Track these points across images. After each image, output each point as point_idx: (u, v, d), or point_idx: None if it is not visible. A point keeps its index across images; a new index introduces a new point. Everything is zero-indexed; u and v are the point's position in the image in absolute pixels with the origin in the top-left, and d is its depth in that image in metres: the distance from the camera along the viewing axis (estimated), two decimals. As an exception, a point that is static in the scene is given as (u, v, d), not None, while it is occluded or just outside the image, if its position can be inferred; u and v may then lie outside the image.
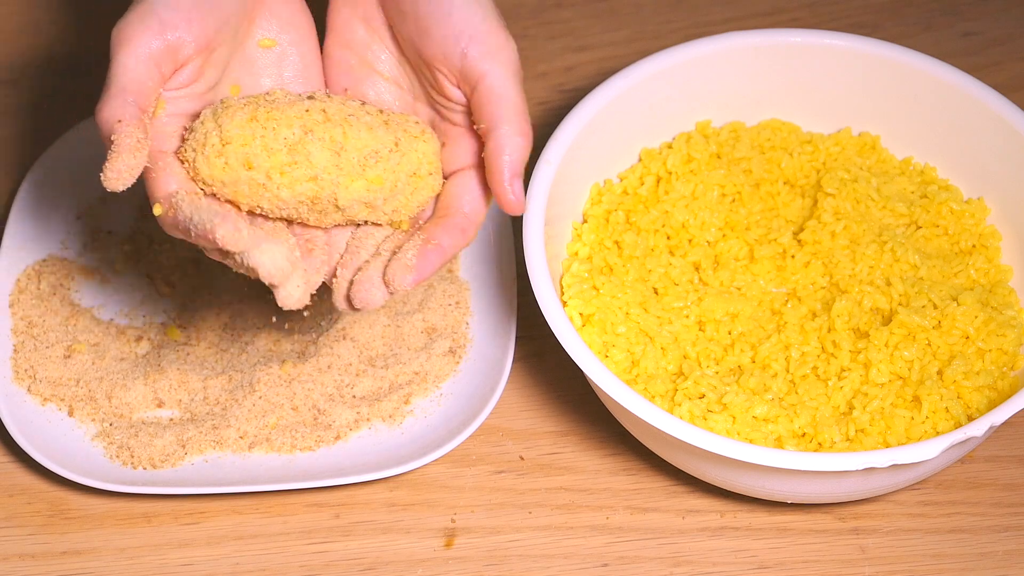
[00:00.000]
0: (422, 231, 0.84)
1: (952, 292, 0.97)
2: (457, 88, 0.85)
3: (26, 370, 1.01)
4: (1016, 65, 1.20)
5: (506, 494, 0.99)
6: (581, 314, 0.96)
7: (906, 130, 1.04)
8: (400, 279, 0.82)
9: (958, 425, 0.91)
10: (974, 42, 1.22)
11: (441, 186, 0.87)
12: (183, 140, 0.84)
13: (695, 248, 1.00)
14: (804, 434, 0.92)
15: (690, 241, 1.01)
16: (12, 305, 1.03)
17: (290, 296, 0.81)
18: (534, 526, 0.97)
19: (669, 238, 1.01)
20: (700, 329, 0.97)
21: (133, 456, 0.97)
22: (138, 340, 1.04)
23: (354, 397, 1.01)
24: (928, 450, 0.87)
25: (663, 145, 1.04)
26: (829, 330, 0.96)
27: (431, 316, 1.03)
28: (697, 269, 1.00)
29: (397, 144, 0.84)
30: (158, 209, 0.82)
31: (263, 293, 1.04)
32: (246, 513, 0.98)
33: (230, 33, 0.85)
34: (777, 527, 0.97)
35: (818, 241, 1.00)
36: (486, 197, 0.86)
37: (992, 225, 1.02)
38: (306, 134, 0.82)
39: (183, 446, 0.98)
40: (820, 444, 0.92)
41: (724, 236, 1.01)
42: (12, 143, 1.16)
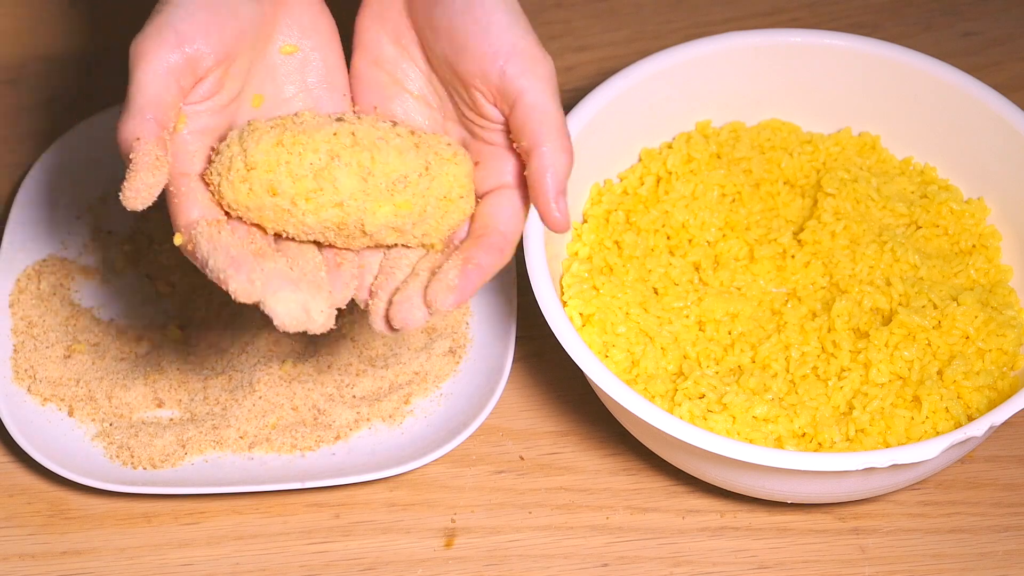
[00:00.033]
0: (460, 251, 0.83)
1: (952, 292, 0.97)
2: (494, 106, 0.83)
3: (26, 370, 1.01)
4: (1016, 65, 1.20)
5: (506, 494, 0.99)
6: (581, 314, 0.96)
7: (906, 130, 1.04)
8: (442, 299, 0.80)
9: (958, 425, 0.91)
10: (974, 42, 1.22)
11: (473, 208, 0.85)
12: (209, 162, 0.82)
13: (695, 248, 1.00)
14: (804, 434, 0.92)
15: (690, 241, 1.01)
16: (12, 305, 1.03)
17: (314, 322, 0.79)
18: (534, 526, 0.97)
19: (669, 238, 1.01)
20: (700, 329, 0.97)
21: (133, 456, 0.97)
22: (138, 340, 1.04)
23: (354, 397, 1.01)
24: (928, 450, 0.87)
25: (663, 145, 1.04)
26: (829, 330, 0.96)
27: (431, 316, 1.03)
28: (697, 269, 1.00)
29: (427, 168, 0.82)
30: (178, 239, 0.81)
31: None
32: (246, 513, 0.98)
33: (250, 42, 0.83)
34: (777, 527, 0.97)
35: (818, 241, 1.00)
36: (523, 216, 0.85)
37: (992, 225, 1.02)
38: (333, 159, 0.81)
39: (183, 446, 0.98)
40: (820, 444, 0.92)
41: (724, 236, 1.01)
42: (12, 143, 1.16)
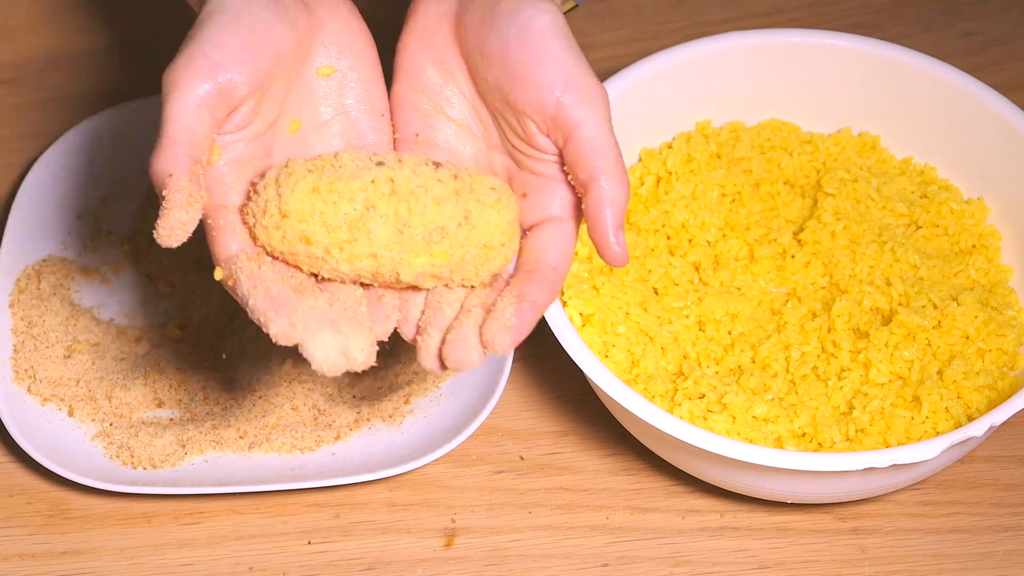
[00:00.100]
0: (513, 287, 0.80)
1: (952, 292, 0.97)
2: (546, 136, 0.81)
3: (26, 370, 1.01)
4: (1016, 65, 1.20)
5: (506, 494, 0.99)
6: (581, 314, 0.96)
7: (906, 130, 1.04)
8: (499, 341, 0.78)
9: (958, 425, 0.91)
10: (974, 42, 1.22)
11: (516, 252, 0.83)
12: (247, 197, 0.81)
13: (695, 248, 1.00)
14: (804, 434, 0.92)
15: (690, 241, 1.01)
16: (12, 305, 1.03)
17: (355, 362, 0.77)
18: (534, 526, 0.97)
19: (669, 238, 1.01)
20: (700, 329, 0.97)
21: (133, 456, 0.97)
22: (138, 340, 1.04)
23: (354, 397, 1.01)
24: (928, 450, 0.87)
25: (663, 145, 1.04)
26: (829, 330, 0.96)
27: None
28: (697, 269, 1.00)
29: (467, 217, 0.80)
30: (218, 274, 0.79)
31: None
32: (246, 513, 0.98)
33: (285, 66, 0.81)
34: (777, 527, 0.97)
35: (818, 241, 0.99)
36: (572, 249, 0.83)
37: (992, 225, 1.02)
38: (368, 210, 0.79)
39: (183, 446, 0.98)
40: (820, 444, 0.92)
41: (724, 236, 1.01)
42: (12, 143, 1.16)
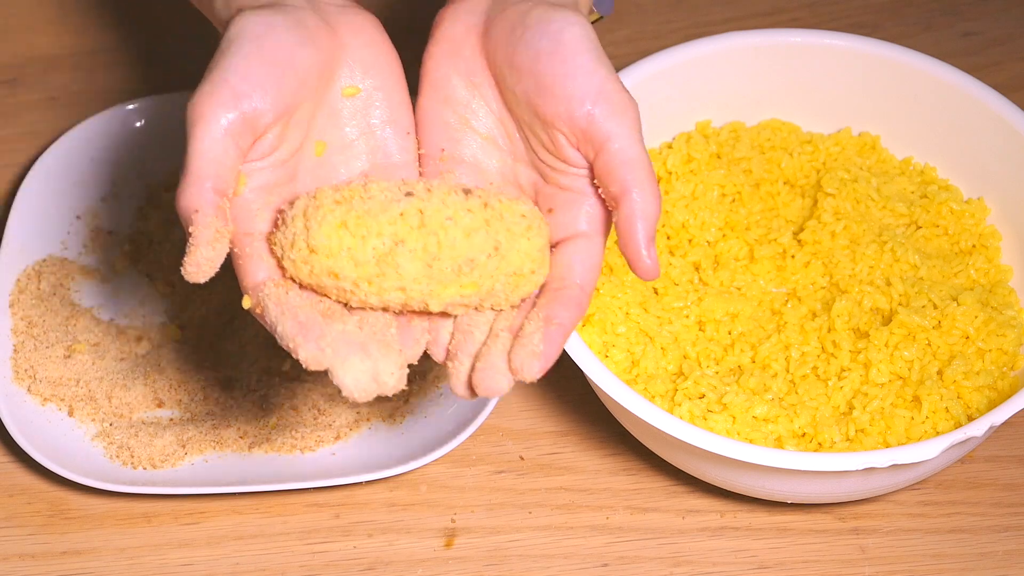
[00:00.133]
0: (539, 308, 0.79)
1: (952, 292, 0.97)
2: (576, 150, 0.80)
3: (26, 370, 1.00)
4: (1016, 65, 1.20)
5: (506, 494, 0.99)
6: (581, 314, 0.96)
7: (906, 130, 1.04)
8: (528, 368, 0.77)
9: (958, 425, 0.91)
10: (974, 42, 1.22)
11: (546, 276, 0.81)
12: (275, 226, 0.80)
13: (695, 248, 1.00)
14: (804, 434, 0.92)
15: (690, 241, 1.01)
16: (12, 305, 1.03)
17: (385, 386, 0.76)
18: (534, 526, 0.97)
19: (669, 238, 1.01)
20: (700, 329, 0.97)
21: (133, 456, 0.97)
22: (138, 340, 1.04)
23: (354, 397, 1.01)
24: (928, 450, 0.87)
25: (663, 145, 1.04)
26: (829, 330, 0.96)
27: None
28: (697, 269, 1.00)
29: (497, 248, 0.79)
30: (247, 302, 0.78)
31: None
32: (246, 513, 0.98)
33: (310, 90, 0.80)
34: (777, 527, 0.97)
35: (818, 241, 0.99)
36: (599, 265, 0.82)
37: (992, 225, 1.01)
38: (397, 245, 0.77)
39: (183, 446, 0.98)
40: (820, 444, 0.92)
41: (724, 236, 1.01)
42: (12, 143, 1.16)
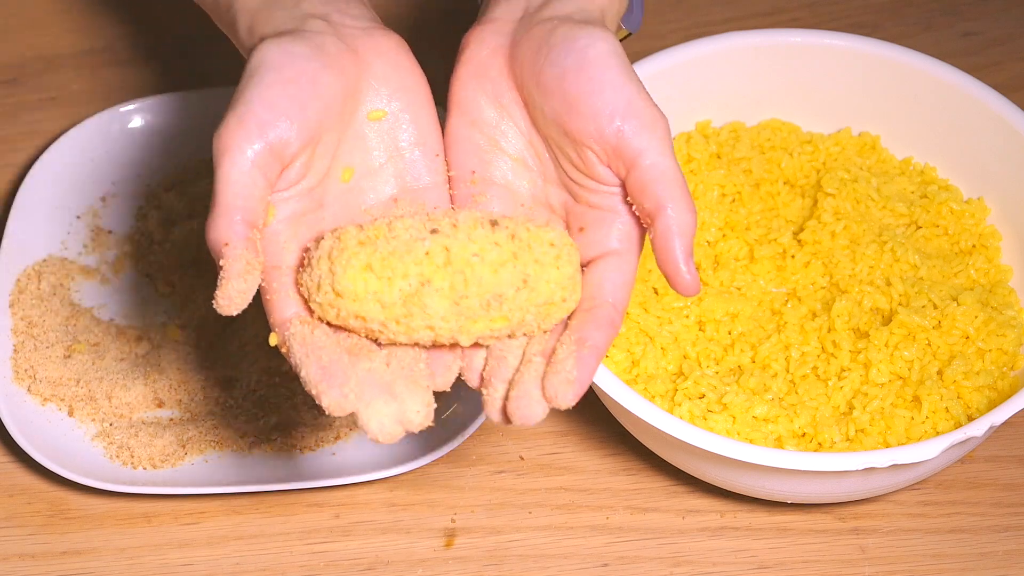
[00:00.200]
0: (572, 330, 0.78)
1: (952, 292, 0.97)
2: (607, 167, 0.79)
3: (26, 370, 1.00)
4: (1016, 65, 1.20)
5: (506, 494, 0.99)
6: (581, 314, 0.96)
7: (906, 130, 1.04)
8: (562, 396, 0.76)
9: (958, 425, 0.91)
10: (974, 42, 1.22)
11: (578, 302, 0.80)
12: (301, 264, 0.79)
13: (695, 248, 1.00)
14: (804, 434, 0.92)
15: (690, 241, 1.01)
16: (12, 305, 1.03)
17: (411, 424, 0.76)
18: (534, 526, 0.97)
19: (669, 238, 1.01)
20: (700, 329, 0.97)
21: (133, 456, 0.97)
22: (138, 340, 1.04)
23: (354, 397, 1.01)
24: (928, 450, 0.87)
25: (663, 145, 1.04)
26: (829, 330, 0.96)
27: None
28: (697, 269, 1.00)
29: (526, 281, 0.78)
30: (273, 340, 0.78)
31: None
32: (246, 513, 0.98)
33: (335, 116, 0.79)
34: (777, 527, 0.97)
35: (818, 241, 0.99)
36: (631, 283, 0.80)
37: (992, 225, 1.01)
38: (423, 285, 0.77)
39: (183, 446, 0.98)
40: (820, 444, 0.92)
41: (724, 236, 1.01)
42: (12, 143, 1.16)
